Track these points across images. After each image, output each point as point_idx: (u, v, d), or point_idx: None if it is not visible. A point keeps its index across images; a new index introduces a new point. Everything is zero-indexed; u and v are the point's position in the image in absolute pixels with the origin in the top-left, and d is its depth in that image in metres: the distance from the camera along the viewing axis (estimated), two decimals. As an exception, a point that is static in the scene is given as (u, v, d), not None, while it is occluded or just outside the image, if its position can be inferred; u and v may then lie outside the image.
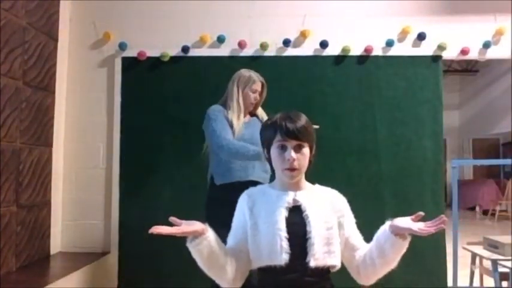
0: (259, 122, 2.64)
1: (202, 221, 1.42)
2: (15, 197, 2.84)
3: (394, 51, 3.44)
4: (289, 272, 1.39)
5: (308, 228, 1.42)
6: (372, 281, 1.49)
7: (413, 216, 1.37)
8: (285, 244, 1.39)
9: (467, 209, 10.66)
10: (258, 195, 1.54)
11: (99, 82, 3.54)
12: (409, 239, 1.39)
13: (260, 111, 2.70)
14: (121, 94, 3.49)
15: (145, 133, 3.40)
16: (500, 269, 3.24)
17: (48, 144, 3.26)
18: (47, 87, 3.24)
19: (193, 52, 3.47)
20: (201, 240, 1.37)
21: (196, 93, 3.34)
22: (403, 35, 3.47)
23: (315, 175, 1.78)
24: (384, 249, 1.41)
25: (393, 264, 1.44)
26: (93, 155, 3.50)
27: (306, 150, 1.48)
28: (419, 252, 3.32)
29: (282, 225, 1.42)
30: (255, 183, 2.44)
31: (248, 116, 2.67)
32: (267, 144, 1.53)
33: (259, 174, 2.51)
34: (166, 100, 3.40)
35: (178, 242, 3.62)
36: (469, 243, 3.85)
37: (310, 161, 1.51)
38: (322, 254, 1.41)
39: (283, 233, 1.40)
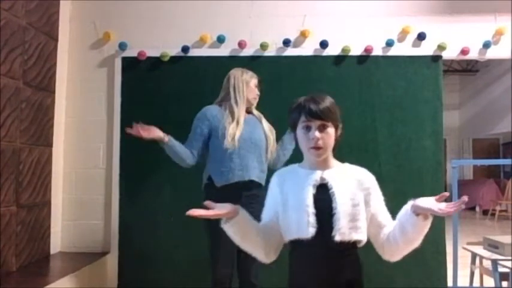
0: (257, 120, 2.64)
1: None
2: (15, 197, 2.84)
3: (394, 51, 3.44)
4: (316, 245, 1.48)
5: (334, 205, 1.49)
6: (396, 258, 1.56)
7: (437, 197, 1.41)
8: (312, 219, 1.48)
9: (467, 209, 10.66)
10: (287, 175, 1.63)
11: (99, 82, 3.54)
12: (430, 219, 1.43)
13: (256, 111, 2.68)
14: (121, 94, 3.49)
15: (145, 133, 3.40)
16: (500, 269, 3.24)
17: (48, 144, 3.26)
18: (47, 87, 3.24)
19: (193, 52, 3.47)
20: (234, 221, 1.51)
21: (196, 93, 3.34)
22: (403, 35, 3.47)
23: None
24: (405, 229, 1.46)
25: (416, 243, 1.50)
26: (93, 155, 3.50)
27: (331, 129, 1.54)
28: (419, 252, 3.31)
29: (310, 201, 1.50)
30: (254, 183, 2.46)
31: (246, 114, 2.65)
32: (292, 125, 1.60)
33: (258, 174, 2.51)
34: (166, 100, 3.40)
35: (178, 242, 3.63)
36: (469, 243, 3.85)
37: (337, 140, 1.58)
38: (348, 229, 1.47)
39: (311, 209, 1.49)
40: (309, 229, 1.48)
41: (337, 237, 1.46)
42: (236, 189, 2.45)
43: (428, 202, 1.42)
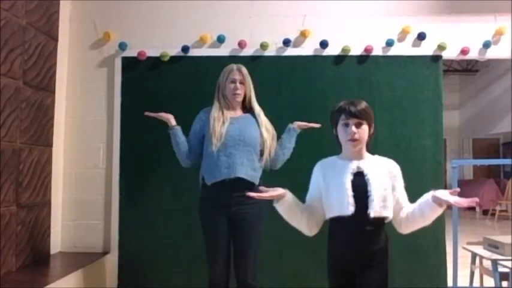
0: (253, 118, 2.60)
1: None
2: (15, 197, 2.84)
3: (394, 51, 3.44)
4: (354, 220, 1.86)
5: (369, 188, 1.88)
6: (408, 231, 1.97)
7: (451, 190, 1.81)
8: (351, 200, 1.86)
9: (467, 209, 10.66)
10: (328, 163, 2.02)
11: (99, 82, 3.54)
12: (444, 207, 1.84)
13: (258, 108, 2.65)
14: (121, 94, 3.49)
15: (145, 133, 3.40)
16: (500, 269, 3.24)
17: (48, 144, 3.26)
18: (47, 87, 3.24)
19: (193, 52, 3.47)
20: (282, 201, 1.91)
21: (196, 93, 3.34)
22: (403, 35, 3.47)
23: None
24: (424, 212, 1.88)
25: (428, 223, 1.92)
26: (93, 155, 3.50)
27: (365, 127, 1.94)
28: (419, 252, 3.33)
29: (349, 185, 1.88)
30: (242, 181, 2.45)
31: (240, 112, 2.64)
32: (334, 124, 2.00)
33: (247, 172, 2.48)
34: (166, 100, 3.39)
35: (178, 242, 3.63)
36: (469, 243, 3.85)
37: (370, 137, 1.98)
38: (379, 208, 1.87)
39: (350, 192, 1.87)
40: (349, 208, 1.85)
41: (372, 214, 1.85)
42: (225, 187, 2.47)
43: (445, 194, 1.81)
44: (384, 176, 1.93)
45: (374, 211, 1.85)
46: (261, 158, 2.56)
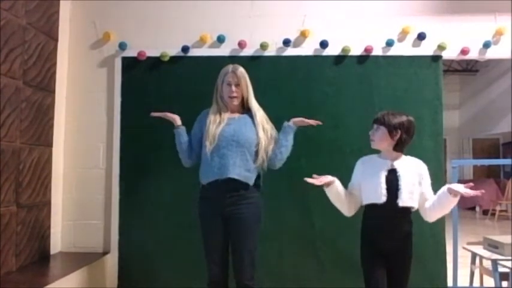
0: (249, 118, 2.59)
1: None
2: (15, 197, 2.84)
3: (394, 51, 3.44)
4: (386, 208, 2.25)
5: (400, 183, 2.27)
6: (433, 219, 2.35)
7: (465, 185, 2.18)
8: (384, 191, 2.26)
9: (467, 209, 10.66)
10: (368, 161, 2.42)
11: (99, 82, 3.54)
12: (458, 197, 2.20)
13: (256, 107, 2.62)
14: (121, 94, 3.49)
15: (145, 133, 3.40)
16: (500, 269, 3.24)
17: (48, 144, 3.26)
18: (47, 87, 3.24)
19: (193, 52, 3.47)
20: (331, 187, 2.33)
21: (196, 93, 3.33)
22: (403, 35, 3.47)
23: (314, 173, 2.39)
24: (442, 202, 2.26)
25: (447, 211, 2.32)
26: (93, 155, 3.50)
27: (381, 132, 2.33)
28: (419, 252, 3.31)
29: (383, 179, 2.29)
30: (234, 181, 2.44)
31: (239, 112, 2.62)
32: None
33: (240, 172, 2.47)
34: (166, 100, 3.39)
35: (178, 242, 3.63)
36: (469, 243, 3.85)
37: (399, 141, 2.31)
38: (407, 199, 2.26)
39: (383, 185, 2.27)
40: (382, 197, 2.25)
41: (400, 204, 2.24)
42: (218, 187, 2.49)
43: (459, 187, 2.18)
44: (413, 174, 2.32)
45: (402, 201, 2.25)
46: (257, 158, 2.54)
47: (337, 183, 2.36)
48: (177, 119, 2.71)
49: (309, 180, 2.29)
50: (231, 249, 2.52)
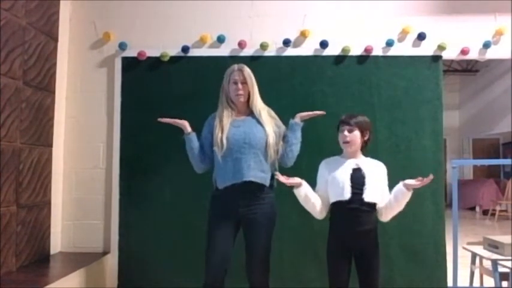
0: (254, 120, 2.56)
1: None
2: (15, 197, 2.84)
3: (394, 51, 3.44)
4: (351, 205, 2.34)
5: (365, 180, 2.37)
6: (388, 218, 2.45)
7: (419, 178, 2.31)
8: (349, 188, 2.35)
9: (467, 209, 10.66)
10: (332, 162, 2.49)
11: (99, 82, 3.54)
12: (411, 191, 2.35)
13: (259, 107, 2.58)
14: (121, 94, 3.49)
15: (146, 133, 3.40)
16: (500, 269, 3.24)
17: (48, 144, 3.26)
18: (47, 87, 3.24)
19: (193, 52, 3.47)
20: (299, 189, 2.39)
21: (196, 94, 3.35)
22: (403, 35, 3.47)
23: (315, 174, 2.53)
24: (399, 198, 2.37)
25: (401, 208, 2.41)
26: (93, 155, 3.50)
27: (356, 132, 2.43)
28: (419, 252, 3.33)
29: (348, 177, 2.38)
30: (251, 183, 2.44)
31: (246, 113, 2.59)
32: (338, 130, 2.49)
33: (255, 174, 2.46)
34: (167, 100, 3.40)
35: (178, 242, 3.62)
36: (469, 243, 3.86)
37: (365, 142, 2.48)
38: (373, 194, 2.36)
39: (348, 182, 2.36)
40: (347, 194, 2.34)
41: (366, 199, 2.34)
42: (235, 191, 2.46)
43: (411, 181, 2.33)
44: (375, 172, 2.44)
45: (367, 196, 2.35)
46: (268, 157, 2.53)
47: (305, 185, 2.40)
48: (187, 126, 2.60)
49: (278, 175, 2.38)
50: (245, 250, 2.51)
